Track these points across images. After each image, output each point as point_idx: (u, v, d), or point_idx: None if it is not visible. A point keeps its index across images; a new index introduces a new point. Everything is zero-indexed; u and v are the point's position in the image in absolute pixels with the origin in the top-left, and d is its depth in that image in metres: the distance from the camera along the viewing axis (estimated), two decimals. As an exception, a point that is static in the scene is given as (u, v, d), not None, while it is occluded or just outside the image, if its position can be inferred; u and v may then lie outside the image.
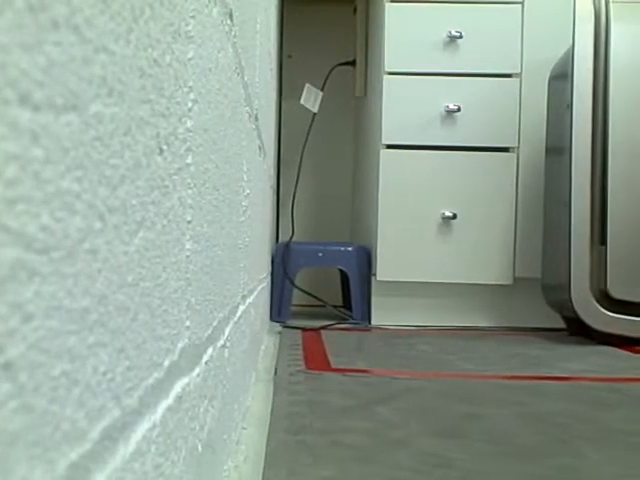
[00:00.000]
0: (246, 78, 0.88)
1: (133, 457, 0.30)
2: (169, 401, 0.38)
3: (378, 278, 2.09)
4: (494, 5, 2.10)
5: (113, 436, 0.28)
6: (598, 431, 0.82)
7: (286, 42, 2.70)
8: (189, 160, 0.44)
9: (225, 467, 0.68)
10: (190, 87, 0.44)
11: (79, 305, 0.24)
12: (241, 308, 0.87)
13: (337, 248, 2.22)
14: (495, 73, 2.09)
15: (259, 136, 1.23)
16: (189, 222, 0.44)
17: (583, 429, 0.82)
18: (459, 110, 2.05)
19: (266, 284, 1.75)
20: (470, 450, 0.72)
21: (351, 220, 2.73)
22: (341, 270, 2.29)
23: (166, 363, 0.38)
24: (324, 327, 1.90)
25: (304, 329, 1.86)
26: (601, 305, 1.75)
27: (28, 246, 0.20)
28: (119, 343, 0.29)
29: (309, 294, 2.21)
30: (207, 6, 0.50)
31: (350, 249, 2.19)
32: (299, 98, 2.39)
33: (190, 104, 0.44)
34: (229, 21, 0.65)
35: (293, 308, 2.21)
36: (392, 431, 0.79)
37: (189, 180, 0.44)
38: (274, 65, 2.07)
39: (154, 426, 0.34)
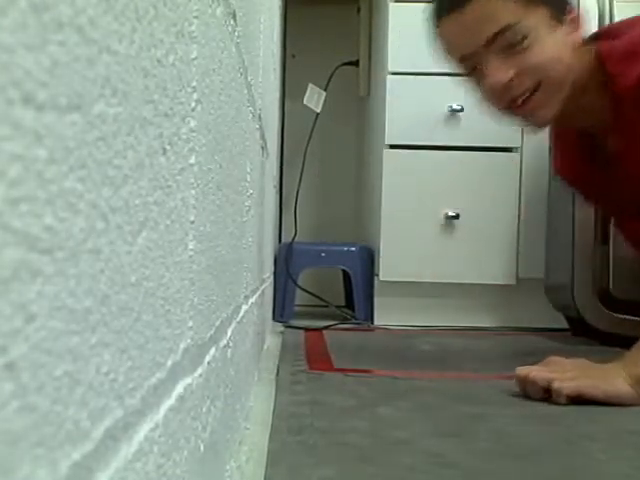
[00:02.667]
0: (249, 78, 0.88)
1: (135, 457, 0.30)
2: (171, 401, 0.38)
3: (381, 278, 2.09)
4: (498, 5, 2.10)
5: (116, 436, 0.28)
6: (603, 431, 0.81)
7: (289, 42, 2.70)
8: (192, 160, 0.44)
9: (227, 467, 0.68)
10: (193, 87, 0.44)
11: (82, 305, 0.24)
12: (244, 308, 0.87)
13: (340, 248, 2.22)
14: (498, 73, 2.09)
15: (262, 136, 1.23)
16: (192, 222, 0.44)
17: (588, 429, 0.82)
18: (462, 110, 2.05)
19: (269, 284, 1.75)
20: (473, 450, 0.72)
21: (354, 220, 2.73)
22: (344, 270, 2.29)
23: (169, 363, 0.38)
24: (327, 327, 1.90)
25: (307, 329, 1.86)
26: (604, 305, 1.75)
27: (31, 246, 0.20)
28: (122, 343, 0.29)
29: (312, 294, 2.21)
30: (210, 6, 0.50)
31: (353, 249, 2.19)
32: (302, 98, 2.39)
33: (193, 104, 0.44)
34: (232, 21, 0.65)
35: (296, 308, 2.20)
36: (394, 431, 0.79)
37: (192, 180, 0.44)
38: (277, 65, 2.07)
39: (156, 426, 0.34)
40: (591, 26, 1.74)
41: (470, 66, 1.11)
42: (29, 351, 0.20)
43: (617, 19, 1.74)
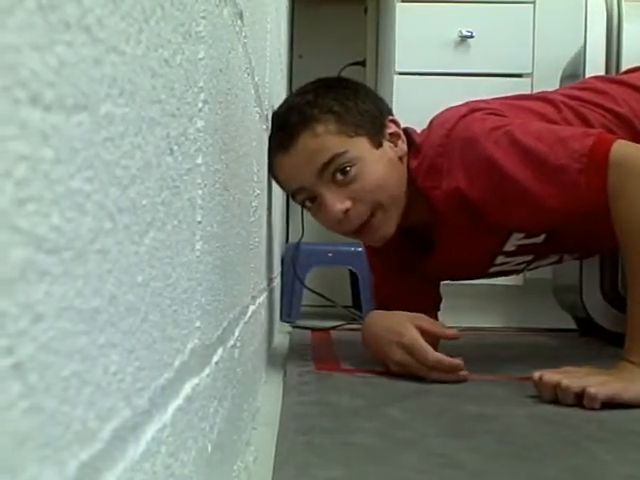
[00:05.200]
0: (256, 78, 0.88)
1: (143, 457, 0.30)
2: (179, 401, 0.38)
3: (388, 278, 2.08)
4: (505, 5, 2.09)
5: (123, 436, 0.28)
6: (609, 432, 0.81)
7: (296, 42, 2.70)
8: (199, 160, 0.44)
9: (235, 467, 0.68)
10: (200, 87, 0.44)
11: (89, 305, 0.24)
12: (251, 308, 0.87)
13: (347, 248, 2.21)
14: (506, 73, 2.09)
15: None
16: (199, 222, 0.44)
17: (594, 430, 0.81)
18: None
19: (276, 284, 1.75)
20: (480, 451, 0.72)
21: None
22: (351, 270, 2.29)
23: (176, 363, 0.38)
24: (334, 327, 1.89)
25: (314, 329, 1.85)
26: (612, 305, 1.74)
27: (39, 246, 0.20)
28: (129, 343, 0.29)
29: (319, 294, 2.21)
30: (218, 6, 0.50)
31: (360, 249, 2.19)
32: (309, 98, 2.38)
33: (200, 104, 0.44)
34: (239, 21, 0.65)
35: (303, 308, 2.20)
36: (401, 431, 0.78)
37: (199, 180, 0.44)
38: (284, 65, 2.07)
39: (164, 426, 0.34)
40: (599, 27, 1.74)
41: (306, 198, 1.19)
42: (36, 351, 0.20)
43: (625, 19, 1.74)
